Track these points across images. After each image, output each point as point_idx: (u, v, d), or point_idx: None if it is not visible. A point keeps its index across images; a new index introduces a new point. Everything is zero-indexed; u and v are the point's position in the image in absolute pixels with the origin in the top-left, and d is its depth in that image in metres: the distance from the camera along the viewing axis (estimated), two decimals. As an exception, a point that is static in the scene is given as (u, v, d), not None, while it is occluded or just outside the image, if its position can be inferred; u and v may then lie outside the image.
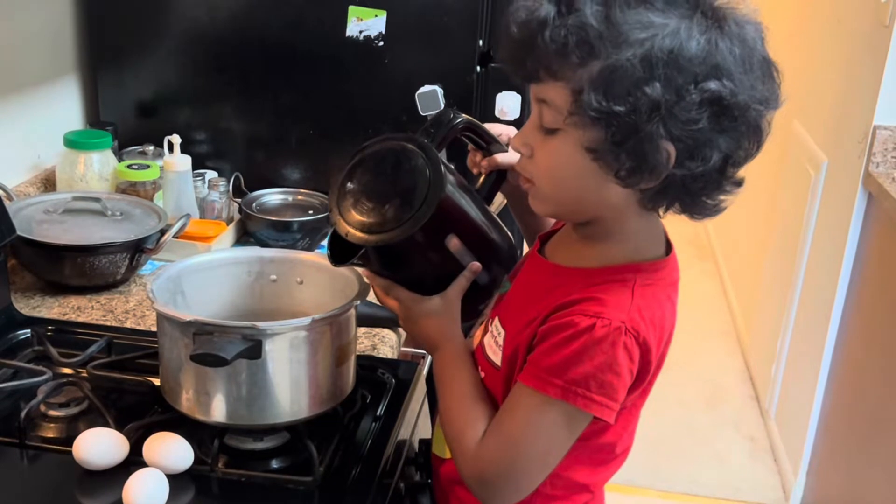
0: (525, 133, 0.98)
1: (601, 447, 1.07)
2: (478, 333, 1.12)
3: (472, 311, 1.16)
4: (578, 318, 0.94)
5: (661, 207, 0.97)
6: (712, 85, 0.87)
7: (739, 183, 0.95)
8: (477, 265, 1.11)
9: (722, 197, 0.96)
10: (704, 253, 4.49)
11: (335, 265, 1.12)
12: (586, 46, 0.88)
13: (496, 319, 1.08)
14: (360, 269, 1.19)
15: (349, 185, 1.11)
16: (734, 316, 3.85)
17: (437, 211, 1.05)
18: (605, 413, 0.96)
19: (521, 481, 1.00)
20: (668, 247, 1.04)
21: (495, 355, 1.06)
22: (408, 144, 1.10)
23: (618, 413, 0.99)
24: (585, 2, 0.88)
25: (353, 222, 1.08)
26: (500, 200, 1.27)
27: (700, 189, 0.94)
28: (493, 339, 1.07)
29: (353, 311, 1.20)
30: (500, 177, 1.22)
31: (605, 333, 0.93)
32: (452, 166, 1.15)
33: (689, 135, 0.88)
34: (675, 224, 1.03)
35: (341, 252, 1.10)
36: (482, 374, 1.08)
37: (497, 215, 1.22)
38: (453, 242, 1.09)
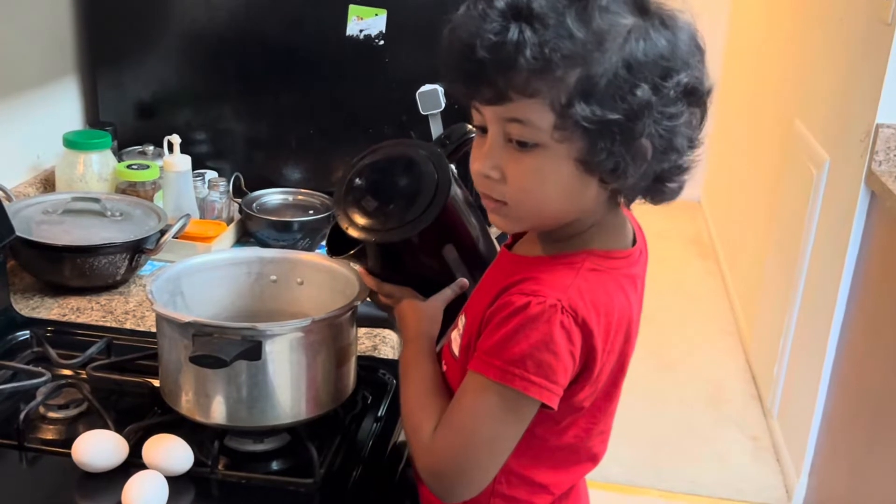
0: (492, 156, 0.95)
1: (562, 448, 1.05)
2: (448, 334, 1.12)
3: (453, 320, 1.16)
4: (515, 298, 0.94)
5: (632, 200, 0.99)
6: (684, 78, 0.90)
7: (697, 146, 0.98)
8: (465, 282, 1.13)
9: (683, 178, 0.98)
10: (706, 252, 4.48)
11: (331, 256, 1.15)
12: (570, 58, 0.87)
13: (463, 315, 1.08)
14: (356, 266, 1.20)
15: (357, 181, 1.13)
16: (736, 315, 3.84)
17: (439, 219, 1.06)
18: (544, 395, 0.93)
19: (473, 472, 0.98)
20: (635, 242, 1.04)
21: (456, 345, 1.06)
22: (421, 151, 1.11)
23: (579, 412, 1.00)
24: (548, 13, 0.87)
25: (356, 218, 1.10)
26: None
27: (670, 176, 0.96)
28: (457, 332, 1.07)
29: (353, 312, 1.20)
30: None
31: (541, 311, 0.92)
32: (463, 185, 1.15)
33: (669, 128, 0.91)
34: (676, 223, 1.03)
35: (340, 245, 1.13)
36: (444, 368, 1.07)
37: (497, 238, 1.22)
38: (449, 253, 1.09)
